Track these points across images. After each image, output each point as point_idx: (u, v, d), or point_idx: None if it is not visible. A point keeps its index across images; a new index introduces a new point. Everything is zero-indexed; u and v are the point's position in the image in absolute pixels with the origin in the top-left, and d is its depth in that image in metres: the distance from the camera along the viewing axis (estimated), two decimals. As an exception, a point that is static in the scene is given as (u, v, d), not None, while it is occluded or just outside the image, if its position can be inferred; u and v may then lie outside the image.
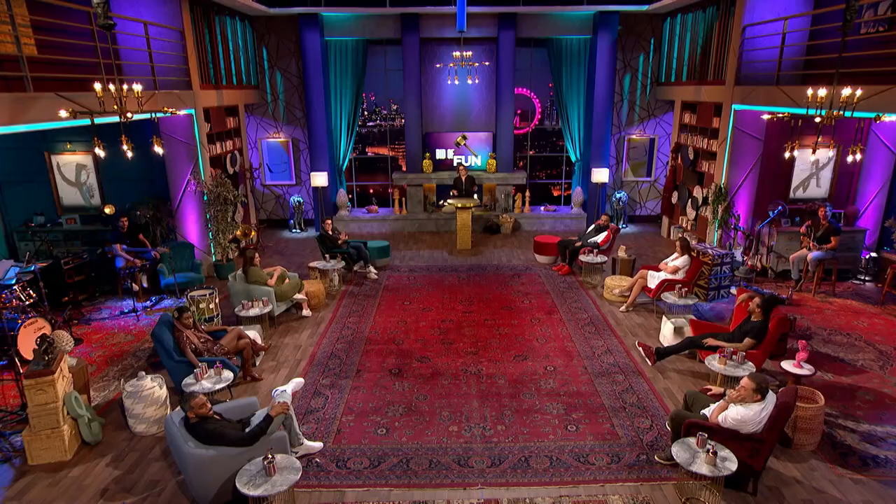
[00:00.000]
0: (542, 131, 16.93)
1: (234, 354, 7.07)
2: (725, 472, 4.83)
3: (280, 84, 14.27)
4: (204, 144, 10.67)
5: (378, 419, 6.32)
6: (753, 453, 5.15)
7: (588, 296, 9.96)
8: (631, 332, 8.50)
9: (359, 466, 5.56)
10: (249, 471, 4.76)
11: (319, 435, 6.06)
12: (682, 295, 8.50)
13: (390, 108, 17.16)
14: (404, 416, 6.36)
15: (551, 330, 8.52)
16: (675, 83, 13.22)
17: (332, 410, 6.51)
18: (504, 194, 14.54)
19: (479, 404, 6.59)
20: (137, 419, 6.09)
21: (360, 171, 16.77)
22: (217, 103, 11.33)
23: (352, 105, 14.32)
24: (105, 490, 5.30)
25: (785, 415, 5.09)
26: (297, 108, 14.43)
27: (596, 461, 5.61)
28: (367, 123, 17.74)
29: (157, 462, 5.70)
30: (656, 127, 14.62)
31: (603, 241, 10.90)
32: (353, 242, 11.24)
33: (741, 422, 5.08)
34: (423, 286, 10.42)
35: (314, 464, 5.62)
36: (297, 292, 9.14)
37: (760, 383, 5.07)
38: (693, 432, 5.23)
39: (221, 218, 10.78)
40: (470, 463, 5.59)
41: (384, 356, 7.75)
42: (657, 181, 14.97)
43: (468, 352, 7.86)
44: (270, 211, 15.06)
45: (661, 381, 7.11)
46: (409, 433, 6.07)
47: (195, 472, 4.80)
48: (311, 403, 6.67)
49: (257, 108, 14.33)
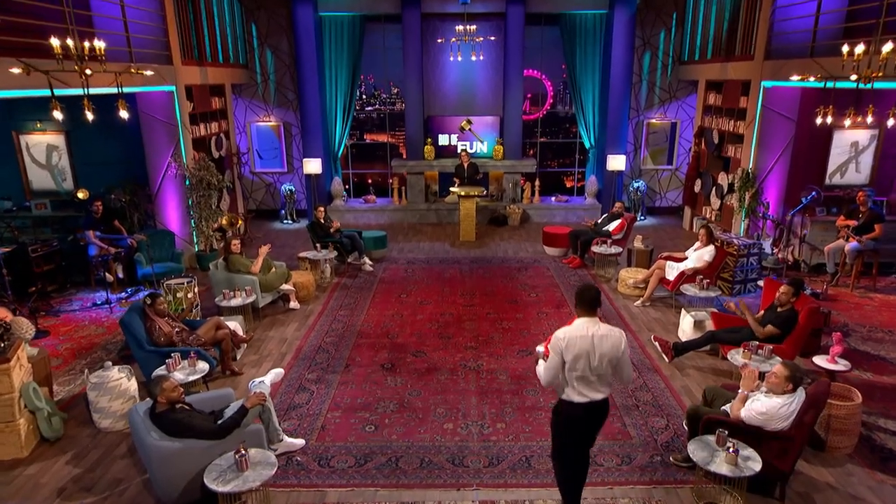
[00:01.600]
0: (554, 116, 16.77)
1: (211, 346, 6.95)
2: (748, 473, 4.64)
3: (270, 63, 14.19)
4: (186, 125, 10.57)
5: (367, 416, 6.21)
6: (781, 453, 4.95)
7: (601, 289, 9.82)
8: (647, 327, 8.35)
9: (343, 465, 5.42)
10: (220, 465, 4.61)
11: (301, 432, 5.93)
12: (703, 287, 8.32)
13: (390, 91, 17.06)
14: (395, 413, 6.25)
15: (560, 325, 8.02)
16: (700, 61, 13.04)
17: (316, 406, 6.39)
18: (512, 183, 14.39)
19: (477, 401, 6.47)
20: (103, 414, 5.96)
21: (357, 159, 16.66)
22: (201, 81, 11.24)
23: (348, 86, 14.23)
24: (63, 489, 5.16)
25: (816, 408, 4.89)
26: (289, 89, 14.35)
27: (604, 462, 5.46)
28: (365, 108, 17.65)
29: (122, 460, 5.57)
30: (678, 110, 14.45)
31: (616, 230, 10.75)
32: (346, 232, 11.15)
33: (766, 416, 4.89)
34: (421, 279, 10.34)
35: (294, 462, 5.48)
36: (285, 283, 9.03)
37: (794, 372, 4.88)
38: (712, 429, 5.04)
39: (204, 204, 10.68)
40: (465, 462, 5.45)
41: (376, 350, 7.67)
42: (679, 169, 14.78)
43: (468, 346, 7.76)
44: (260, 200, 14.98)
45: (679, 379, 6.95)
46: (399, 430, 5.94)
47: (159, 466, 4.65)
48: (295, 399, 6.55)
49: (246, 89, 14.24)
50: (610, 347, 4.16)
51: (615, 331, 4.22)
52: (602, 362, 4.15)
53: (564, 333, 4.20)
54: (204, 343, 6.86)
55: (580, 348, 4.14)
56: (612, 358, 4.18)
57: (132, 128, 10.26)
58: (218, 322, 7.17)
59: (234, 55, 13.24)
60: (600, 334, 4.16)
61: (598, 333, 4.16)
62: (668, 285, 9.01)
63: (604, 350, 4.15)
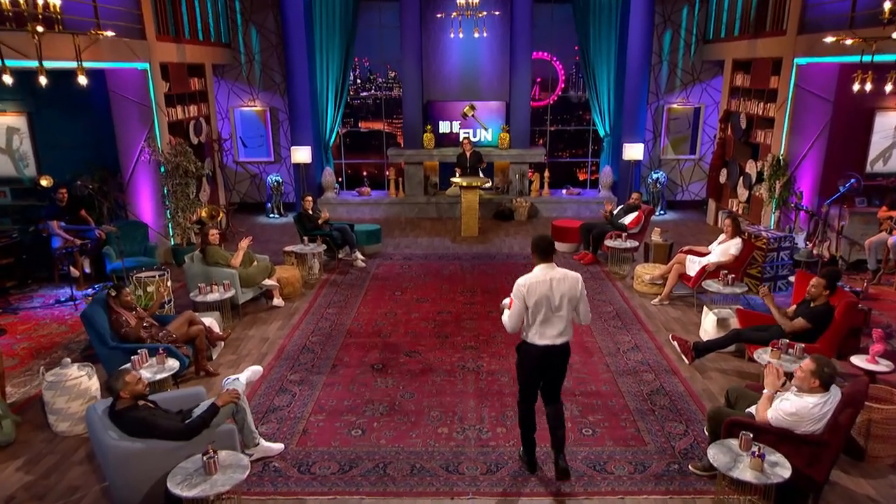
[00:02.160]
0: (566, 102, 16.72)
1: (184, 343, 6.86)
2: (776, 480, 4.52)
3: (255, 42, 14.16)
4: (161, 106, 10.53)
5: (353, 419, 6.15)
6: (813, 460, 4.83)
7: (615, 287, 9.78)
8: (665, 327, 8.28)
9: (325, 471, 5.33)
10: (185, 469, 4.51)
11: (281, 436, 5.86)
12: (728, 282, 8.20)
13: (387, 76, 17.03)
14: (385, 416, 6.18)
15: None
16: (726, 38, 12.96)
17: (298, 409, 6.34)
18: (519, 174, 14.33)
19: (476, 404, 6.41)
20: (60, 416, 5.87)
21: (350, 149, 16.64)
22: (178, 59, 11.21)
23: (340, 69, 14.18)
24: (11, 498, 5.07)
25: (853, 408, 4.76)
26: (276, 71, 14.31)
27: (615, 470, 5.36)
28: (359, 93, 17.64)
29: (79, 466, 5.48)
30: (702, 94, 14.36)
31: (633, 223, 10.65)
32: (336, 224, 11.10)
33: (796, 417, 4.77)
34: (418, 275, 10.33)
35: (271, 468, 5.39)
36: (267, 278, 8.97)
37: (823, 367, 4.75)
38: (736, 433, 4.93)
39: (181, 194, 10.62)
40: (461, 469, 5.36)
41: (366, 350, 7.64)
42: (702, 159, 14.68)
43: (467, 346, 7.72)
44: (245, 192, 14.95)
45: (700, 382, 6.87)
46: (389, 435, 5.88)
47: (117, 468, 4.55)
48: (275, 401, 6.50)
49: (229, 71, 14.20)
50: (568, 288, 4.93)
51: (571, 273, 5.02)
52: (562, 302, 4.91)
53: (525, 280, 4.94)
54: (175, 340, 6.77)
55: (540, 293, 4.89)
56: (570, 297, 4.94)
57: (101, 109, 10.20)
58: (191, 317, 7.09)
59: (215, 32, 13.19)
60: (557, 277, 4.94)
61: (556, 277, 4.94)
62: (689, 282, 8.89)
63: (563, 291, 4.91)
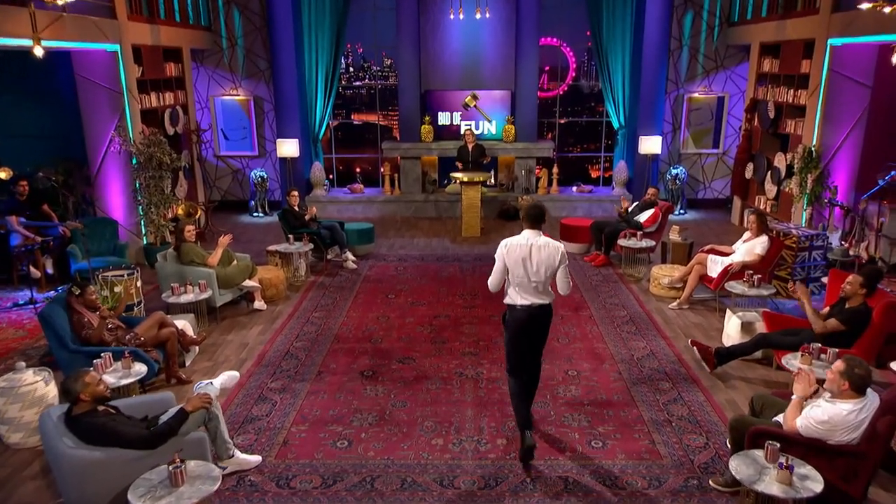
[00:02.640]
0: (577, 93, 16.70)
1: (153, 347, 6.78)
2: (806, 495, 4.43)
3: (238, 25, 14.14)
4: (133, 92, 10.51)
5: (339, 429, 6.09)
6: (849, 474, 4.75)
7: (629, 290, 9.75)
8: (684, 333, 8.24)
9: (306, 486, 5.26)
10: (149, 480, 4.41)
11: (259, 448, 5.79)
12: (754, 284, 8.11)
13: (382, 64, 17.03)
14: (374, 427, 6.13)
15: (577, 329, 8.39)
16: (753, 20, 12.92)
17: (279, 419, 6.28)
18: (525, 170, 14.27)
19: (474, 413, 6.36)
20: (12, 426, 5.77)
21: (342, 144, 16.60)
22: (152, 41, 11.20)
23: (331, 55, 14.17)
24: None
25: (892, 417, 4.67)
26: (261, 57, 14.30)
27: (628, 485, 5.29)
28: (352, 82, 17.61)
29: (32, 481, 5.39)
30: (726, 82, 14.33)
31: (649, 221, 10.60)
32: (325, 222, 11.08)
33: (829, 425, 4.67)
34: (414, 277, 10.34)
35: (246, 482, 5.30)
36: (248, 278, 8.94)
37: (854, 367, 4.65)
38: (761, 443, 4.83)
39: (155, 188, 10.57)
40: (456, 483, 5.29)
41: (355, 356, 7.62)
42: (727, 154, 14.63)
43: (466, 352, 7.71)
44: (226, 189, 14.94)
45: (723, 391, 6.80)
46: (378, 446, 5.81)
47: (73, 480, 4.46)
48: (253, 410, 6.45)
49: (209, 57, 14.20)
50: (547, 256, 5.44)
51: (554, 243, 5.52)
52: (539, 269, 5.44)
53: (507, 241, 5.55)
54: (144, 343, 6.70)
55: (519, 254, 5.44)
56: (548, 266, 5.45)
57: (67, 95, 10.18)
58: (161, 318, 7.02)
59: (193, 14, 13.19)
60: (539, 244, 5.46)
61: (538, 244, 5.46)
62: (711, 284, 8.83)
63: (541, 258, 5.43)
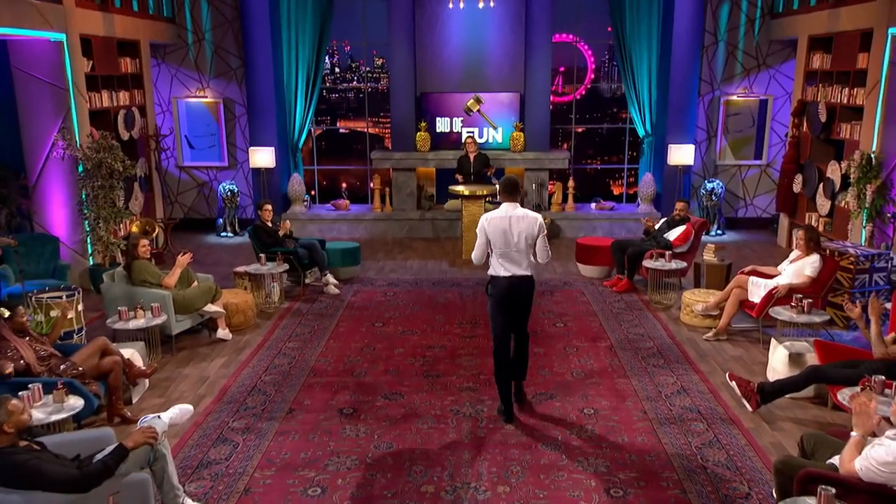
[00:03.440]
0: (597, 97, 16.74)
1: (93, 379, 6.66)
2: (867, 549, 4.25)
3: (206, 17, 14.20)
4: (81, 89, 10.50)
5: (311, 475, 6.00)
6: (917, 527, 4.58)
7: (656, 319, 9.72)
8: (721, 367, 8.15)
9: (269, 540, 5.07)
10: (79, 529, 4.25)
11: (214, 497, 5.69)
12: (803, 309, 8.00)
13: (372, 64, 17.07)
14: (353, 472, 6.05)
15: (595, 362, 8.36)
16: (800, 10, 12.92)
17: (240, 463, 6.19)
18: (536, 184, 14.24)
19: (471, 456, 6.28)
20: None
21: (326, 154, 16.62)
22: (104, 32, 11.21)
23: (313, 51, 14.24)
24: None
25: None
26: (232, 53, 14.35)
27: (655, 539, 5.09)
28: (337, 85, 17.65)
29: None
30: (769, 83, 14.34)
31: (679, 239, 10.55)
32: (303, 240, 11.05)
33: (893, 467, 4.52)
34: (405, 304, 10.36)
35: (198, 535, 5.13)
36: (211, 302, 8.86)
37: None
38: (812, 489, 4.69)
39: (104, 200, 10.49)
40: (449, 537, 5.10)
41: (334, 392, 7.60)
42: (771, 165, 14.59)
43: (463, 388, 7.67)
44: (190, 205, 14.92)
45: (768, 434, 6.70)
46: (357, 495, 5.72)
47: (-13, 527, 4.29)
48: (210, 453, 6.35)
49: (172, 52, 14.26)
50: (526, 226, 6.55)
51: (532, 213, 6.69)
52: (519, 239, 6.54)
53: (487, 215, 6.69)
54: (82, 374, 6.58)
55: (499, 226, 6.55)
56: (528, 235, 6.55)
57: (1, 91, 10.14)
58: (104, 345, 6.91)
59: (154, 2, 13.26)
60: (517, 216, 6.59)
61: (516, 215, 6.60)
62: (753, 311, 8.74)
63: (521, 228, 6.53)
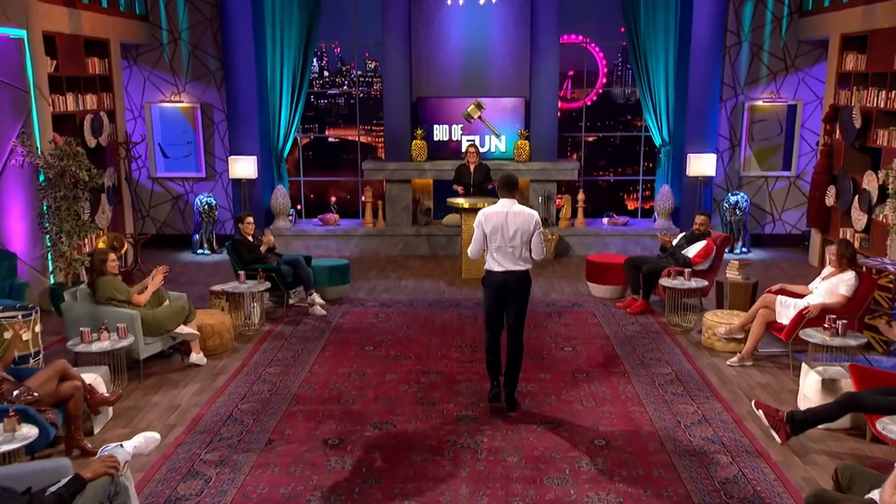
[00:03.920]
0: (609, 102, 16.74)
1: (50, 406, 6.58)
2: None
3: (183, 15, 14.26)
4: (43, 91, 10.53)
5: None
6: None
7: (675, 343, 9.71)
8: (747, 395, 8.10)
9: (243, 584, 4.98)
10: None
11: None
12: (837, 332, 7.97)
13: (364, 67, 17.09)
14: None
15: (607, 389, 8.37)
16: (832, 7, 12.95)
17: (212, 499, 6.13)
18: (542, 197, 14.25)
19: (470, 491, 6.24)
20: None
21: (314, 165, 16.62)
22: (70, 30, 11.24)
23: (299, 54, 14.34)
24: None
25: None
26: (211, 54, 14.43)
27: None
28: (327, 90, 17.67)
29: None
30: (798, 86, 14.38)
31: (699, 256, 10.53)
32: (287, 256, 11.08)
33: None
34: (398, 326, 10.38)
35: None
36: (184, 323, 8.84)
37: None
38: (850, 527, 4.61)
39: (68, 213, 10.46)
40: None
41: (318, 421, 7.57)
42: (801, 177, 14.60)
43: (462, 417, 7.66)
44: (163, 220, 14.93)
45: (799, 468, 6.64)
46: None
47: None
48: (180, 489, 6.28)
49: (145, 53, 14.32)
50: (522, 222, 7.26)
51: (529, 210, 7.42)
52: (515, 235, 7.24)
53: (485, 211, 7.44)
54: (38, 400, 6.48)
55: (495, 222, 7.28)
56: (523, 231, 7.26)
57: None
58: (63, 369, 6.81)
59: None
60: (514, 212, 7.29)
61: (513, 211, 7.30)
62: (782, 333, 8.71)
63: (517, 224, 7.25)
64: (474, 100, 14.25)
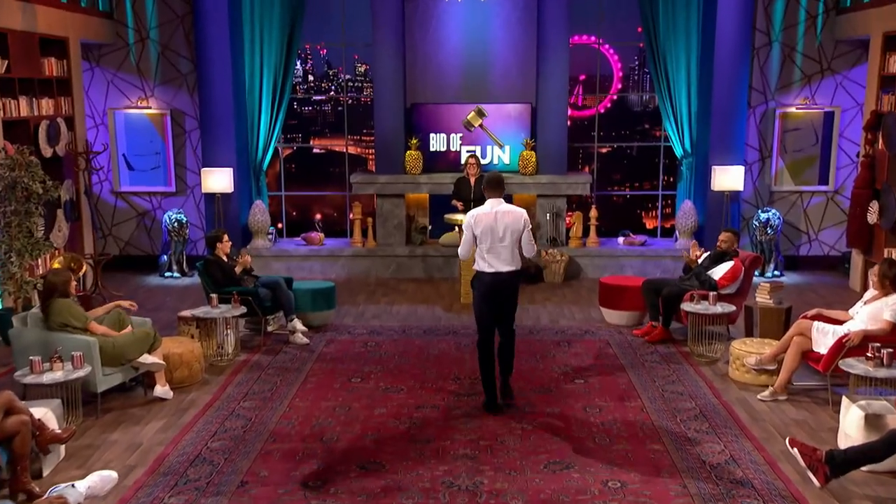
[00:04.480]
0: (625, 110, 16.74)
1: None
2: None
3: (152, 12, 14.31)
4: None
5: None
6: None
7: (699, 374, 9.65)
8: (780, 433, 8.01)
9: None
10: None
11: None
12: (882, 362, 7.89)
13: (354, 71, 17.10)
14: None
15: (622, 425, 8.29)
16: (872, 3, 12.96)
17: None
18: (550, 213, 14.24)
19: None
20: None
21: (297, 179, 16.60)
22: (22, 26, 11.26)
23: (281, 55, 14.42)
24: None
25: None
26: (183, 56, 14.49)
27: None
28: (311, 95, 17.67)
29: None
30: (836, 91, 14.41)
31: (726, 278, 10.48)
32: (265, 278, 11.07)
33: None
34: (390, 356, 10.34)
35: None
36: (148, 352, 8.74)
37: None
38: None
39: (19, 229, 10.41)
40: None
41: (297, 461, 7.46)
42: (840, 192, 14.59)
43: (459, 455, 7.55)
44: (128, 239, 14.94)
45: None
46: None
47: None
48: None
49: (109, 54, 14.36)
50: (511, 221, 8.04)
51: (518, 209, 8.24)
52: (505, 234, 7.99)
53: (473, 212, 8.22)
54: (-21, 437, 6.36)
55: (485, 223, 8.01)
56: (513, 230, 8.04)
57: None
58: (8, 402, 6.68)
59: (88, -8, 13.36)
60: (503, 211, 8.08)
61: (501, 210, 8.08)
62: (819, 364, 8.63)
63: (506, 223, 8.01)
64: (475, 106, 14.27)
